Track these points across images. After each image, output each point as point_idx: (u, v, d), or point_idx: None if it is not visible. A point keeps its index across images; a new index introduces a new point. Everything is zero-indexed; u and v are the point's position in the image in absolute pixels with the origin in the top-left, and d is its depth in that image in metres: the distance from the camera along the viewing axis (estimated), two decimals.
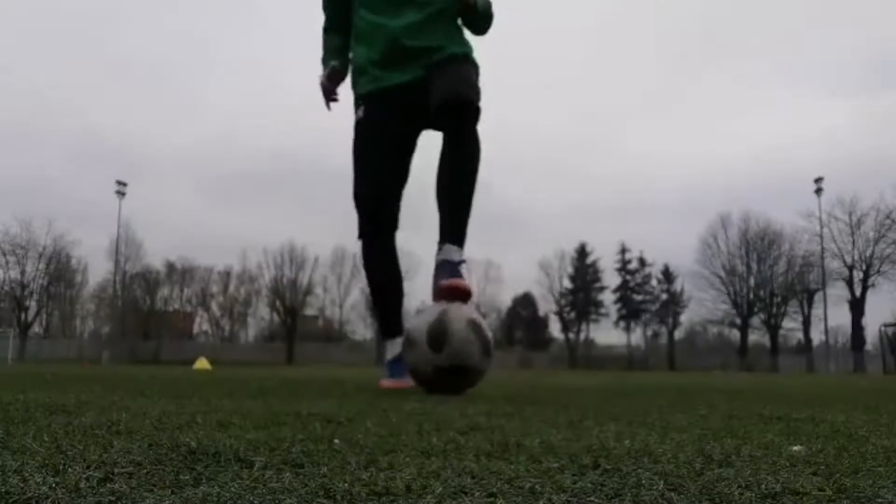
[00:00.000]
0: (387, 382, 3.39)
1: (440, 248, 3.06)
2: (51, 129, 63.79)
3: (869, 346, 43.76)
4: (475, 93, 3.18)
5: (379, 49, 3.35)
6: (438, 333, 2.73)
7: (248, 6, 74.27)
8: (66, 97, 67.52)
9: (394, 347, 3.41)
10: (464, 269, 3.04)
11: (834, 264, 44.65)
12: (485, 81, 3.66)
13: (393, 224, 3.50)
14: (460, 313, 2.81)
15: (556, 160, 72.30)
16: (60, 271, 48.16)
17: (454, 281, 2.93)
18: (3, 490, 0.76)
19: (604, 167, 72.81)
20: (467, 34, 3.48)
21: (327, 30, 3.75)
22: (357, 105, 3.50)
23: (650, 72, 73.08)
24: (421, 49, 3.27)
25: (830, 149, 66.48)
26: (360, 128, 3.47)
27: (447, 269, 2.99)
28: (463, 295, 2.92)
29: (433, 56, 3.26)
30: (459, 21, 3.45)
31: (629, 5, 75.19)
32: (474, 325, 2.80)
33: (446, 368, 2.73)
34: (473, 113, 3.12)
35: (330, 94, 3.63)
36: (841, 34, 72.45)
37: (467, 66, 3.30)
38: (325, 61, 3.69)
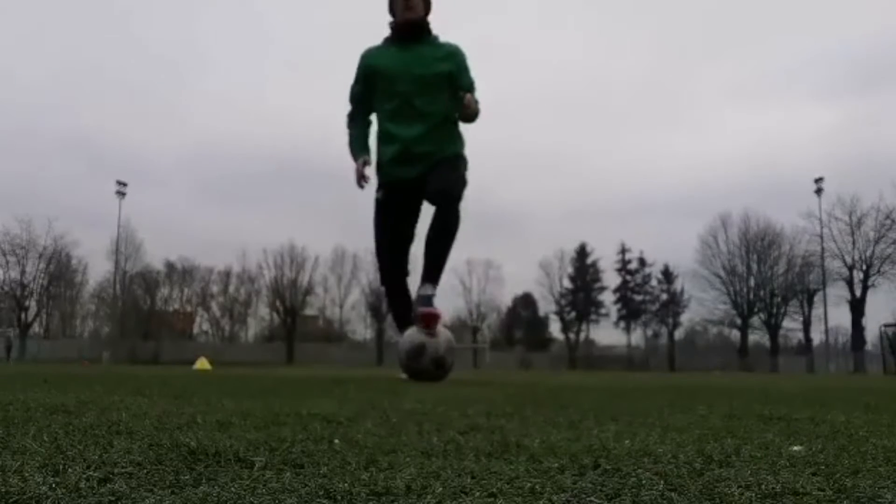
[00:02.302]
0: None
1: (422, 285, 4.48)
2: (51, 129, 63.86)
3: (869, 346, 43.69)
4: (459, 185, 4.55)
5: (395, 152, 4.60)
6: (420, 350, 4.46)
7: (249, 8, 74.34)
8: (66, 98, 67.61)
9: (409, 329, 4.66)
10: (434, 300, 4.47)
11: (834, 264, 44.62)
12: (487, 82, 4.70)
13: (404, 272, 4.82)
14: (443, 337, 4.49)
15: (556, 161, 72.38)
16: (60, 271, 48.10)
17: (428, 310, 4.41)
18: (3, 490, 0.76)
19: (604, 168, 72.88)
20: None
21: (352, 118, 4.83)
22: (378, 188, 4.74)
23: (650, 71, 73.10)
24: (425, 153, 4.55)
25: (830, 149, 66.51)
26: (380, 206, 4.75)
27: (423, 301, 4.45)
28: (433, 318, 4.44)
29: (434, 157, 4.55)
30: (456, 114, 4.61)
31: (628, 5, 75.26)
32: (449, 346, 4.51)
33: (432, 368, 4.45)
34: (455, 201, 4.48)
35: (362, 177, 4.65)
36: (841, 33, 72.47)
37: (458, 164, 4.64)
38: (352, 148, 4.77)
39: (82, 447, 1.06)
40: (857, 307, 43.99)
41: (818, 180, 43.03)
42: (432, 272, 4.48)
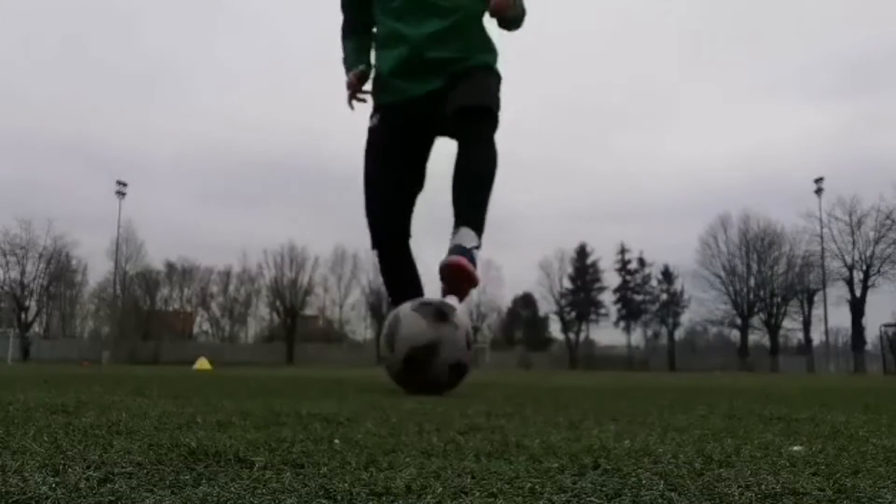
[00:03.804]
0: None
1: (455, 233, 2.91)
2: (51, 130, 63.84)
3: (869, 347, 43.71)
4: (494, 102, 3.18)
5: (399, 59, 3.28)
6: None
7: (248, 10, 74.30)
8: (66, 99, 67.55)
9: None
10: (477, 255, 2.87)
11: (834, 264, 44.64)
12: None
13: (405, 233, 3.37)
14: (462, 328, 2.87)
15: (556, 161, 72.35)
16: (60, 271, 48.15)
17: (459, 260, 2.76)
18: (3, 490, 0.76)
19: (604, 168, 72.89)
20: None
21: (345, 32, 3.66)
22: (373, 114, 3.45)
23: (651, 71, 73.10)
24: (442, 60, 3.20)
25: (830, 149, 66.50)
26: (373, 137, 3.42)
27: (456, 250, 2.82)
28: (466, 278, 2.80)
29: (454, 67, 3.20)
30: (487, 21, 3.35)
31: (627, 7, 75.22)
32: (468, 340, 2.88)
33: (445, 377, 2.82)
34: (491, 118, 3.12)
35: (356, 93, 3.51)
36: (843, 35, 72.45)
37: (488, 77, 3.27)
38: (347, 63, 3.60)
39: (82, 447, 1.06)
40: (857, 307, 43.97)
41: (818, 180, 43.06)
42: (472, 211, 2.99)
